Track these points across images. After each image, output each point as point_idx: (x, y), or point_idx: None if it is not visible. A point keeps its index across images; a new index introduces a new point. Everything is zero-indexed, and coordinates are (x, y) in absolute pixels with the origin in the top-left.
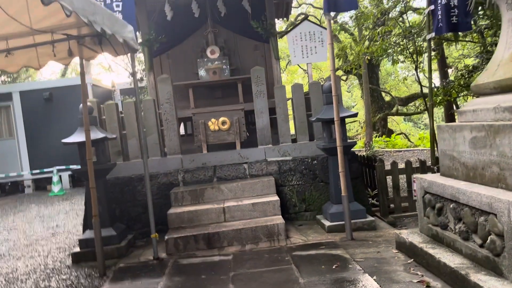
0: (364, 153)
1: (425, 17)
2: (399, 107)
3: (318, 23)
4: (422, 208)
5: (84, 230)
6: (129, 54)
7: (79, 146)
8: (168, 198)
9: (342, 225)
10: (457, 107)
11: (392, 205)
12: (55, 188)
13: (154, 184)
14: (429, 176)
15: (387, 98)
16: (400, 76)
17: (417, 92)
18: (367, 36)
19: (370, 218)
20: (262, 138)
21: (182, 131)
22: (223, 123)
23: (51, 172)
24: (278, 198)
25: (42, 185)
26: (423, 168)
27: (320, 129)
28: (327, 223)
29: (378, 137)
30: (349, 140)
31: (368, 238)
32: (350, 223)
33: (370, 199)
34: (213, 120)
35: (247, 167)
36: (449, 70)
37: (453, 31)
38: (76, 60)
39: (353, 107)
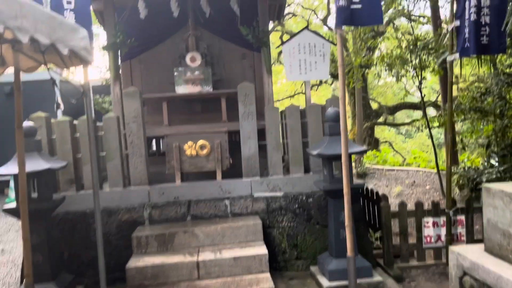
0: (354, 170)
1: (445, 34)
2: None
3: (307, 26)
4: None
5: (22, 280)
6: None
7: (15, 178)
8: (130, 239)
9: (345, 286)
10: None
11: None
12: (12, 194)
13: (113, 222)
14: (471, 253)
15: (375, 106)
16: (388, 83)
17: (406, 101)
18: (363, 47)
19: (378, 278)
20: (248, 169)
21: (154, 144)
22: (202, 147)
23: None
24: (266, 251)
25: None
26: (436, 211)
27: (319, 162)
28: (325, 283)
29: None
30: (355, 182)
31: None
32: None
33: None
34: (190, 143)
35: (228, 204)
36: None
37: (483, 53)
38: None
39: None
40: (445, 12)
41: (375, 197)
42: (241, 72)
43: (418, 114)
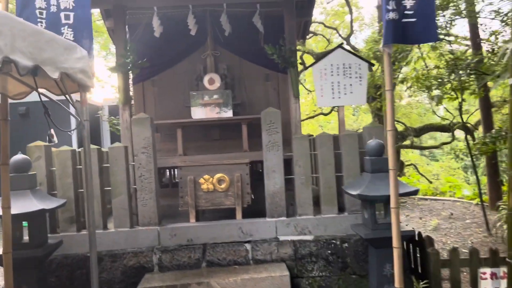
0: None
1: (504, 54)
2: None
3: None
4: None
5: None
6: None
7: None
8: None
9: None
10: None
11: None
12: None
13: (118, 268)
14: None
15: (400, 128)
16: (412, 103)
17: (433, 123)
18: (397, 66)
19: None
20: (272, 208)
21: (167, 172)
22: (220, 181)
23: None
24: None
25: None
26: (495, 260)
27: (355, 200)
28: None
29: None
30: (404, 229)
31: None
32: None
33: None
34: (206, 176)
35: (250, 248)
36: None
37: None
38: None
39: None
40: (485, 30)
41: (417, 238)
42: (264, 95)
43: (442, 135)
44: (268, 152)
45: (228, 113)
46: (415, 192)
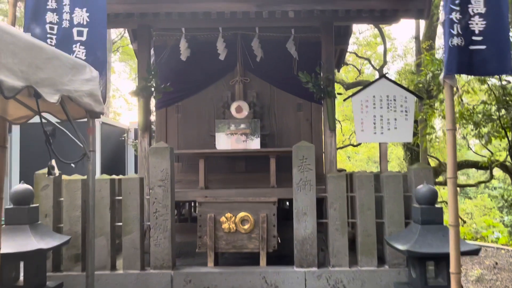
0: None
1: None
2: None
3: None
4: None
5: None
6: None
7: None
8: None
9: None
10: None
11: None
12: None
13: None
14: None
15: (433, 163)
16: (445, 137)
17: (468, 159)
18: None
19: None
20: (302, 256)
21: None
22: (244, 221)
23: None
24: None
25: None
26: None
27: (398, 253)
28: None
29: None
30: None
31: None
32: None
33: None
34: (228, 214)
35: None
36: None
37: None
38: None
39: None
40: None
41: None
42: (296, 126)
43: (475, 172)
44: (299, 191)
45: (256, 144)
46: (477, 252)
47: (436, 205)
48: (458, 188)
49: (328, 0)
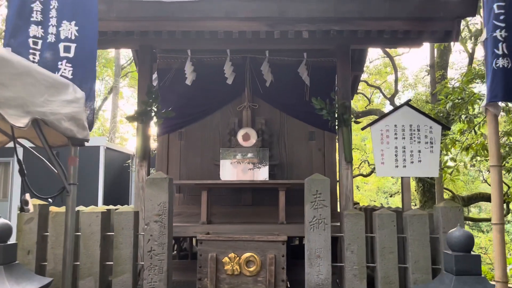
0: None
1: None
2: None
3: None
4: None
5: None
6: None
7: None
8: None
9: None
10: None
11: None
12: None
13: None
14: None
15: (446, 196)
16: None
17: (483, 192)
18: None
19: None
20: None
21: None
22: (249, 262)
23: None
24: None
25: None
26: None
27: None
28: None
29: None
30: None
31: None
32: None
33: None
34: (232, 255)
35: None
36: None
37: None
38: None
39: (391, 196)
40: None
41: None
42: (307, 156)
43: (488, 205)
44: (312, 231)
45: (264, 175)
46: None
47: (472, 252)
48: (470, 222)
49: (347, 20)
